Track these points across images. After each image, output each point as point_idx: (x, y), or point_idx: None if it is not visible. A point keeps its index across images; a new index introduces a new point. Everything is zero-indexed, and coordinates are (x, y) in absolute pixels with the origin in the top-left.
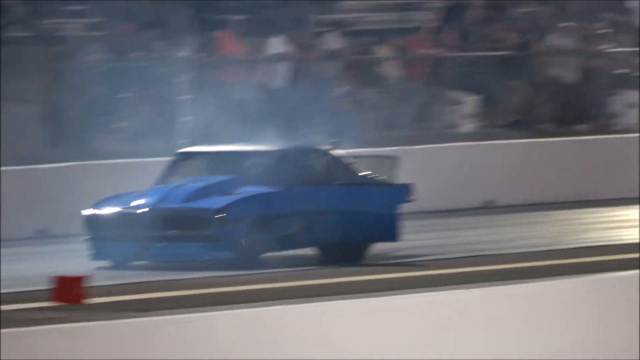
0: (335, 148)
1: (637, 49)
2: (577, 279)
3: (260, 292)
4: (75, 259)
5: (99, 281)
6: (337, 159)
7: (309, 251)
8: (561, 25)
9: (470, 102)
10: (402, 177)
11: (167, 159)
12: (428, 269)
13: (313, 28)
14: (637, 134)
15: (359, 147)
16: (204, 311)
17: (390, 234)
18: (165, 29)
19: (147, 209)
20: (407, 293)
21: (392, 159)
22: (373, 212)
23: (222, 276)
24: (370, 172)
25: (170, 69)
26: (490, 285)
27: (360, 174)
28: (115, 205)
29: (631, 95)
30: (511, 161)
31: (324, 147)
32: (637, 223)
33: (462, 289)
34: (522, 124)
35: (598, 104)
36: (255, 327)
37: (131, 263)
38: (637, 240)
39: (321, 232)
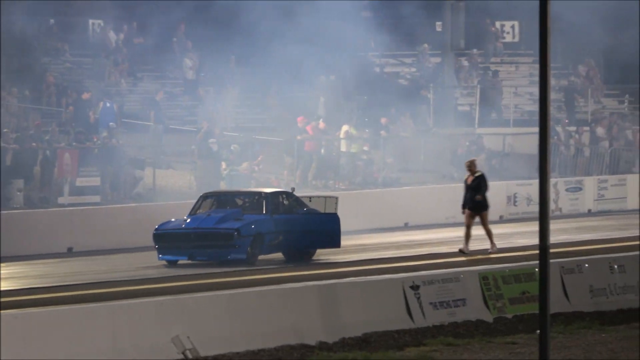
0: (294, 191)
1: None
2: None
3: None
4: None
5: None
6: (297, 198)
7: (281, 255)
8: None
9: None
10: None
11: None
12: None
13: None
14: None
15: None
16: None
17: (335, 243)
18: None
19: (191, 228)
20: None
21: (334, 199)
22: (323, 230)
23: None
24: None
25: None
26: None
27: (311, 207)
28: (171, 225)
29: None
30: None
31: (288, 190)
32: None
33: None
34: None
35: None
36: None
37: (180, 262)
38: None
39: (291, 242)
